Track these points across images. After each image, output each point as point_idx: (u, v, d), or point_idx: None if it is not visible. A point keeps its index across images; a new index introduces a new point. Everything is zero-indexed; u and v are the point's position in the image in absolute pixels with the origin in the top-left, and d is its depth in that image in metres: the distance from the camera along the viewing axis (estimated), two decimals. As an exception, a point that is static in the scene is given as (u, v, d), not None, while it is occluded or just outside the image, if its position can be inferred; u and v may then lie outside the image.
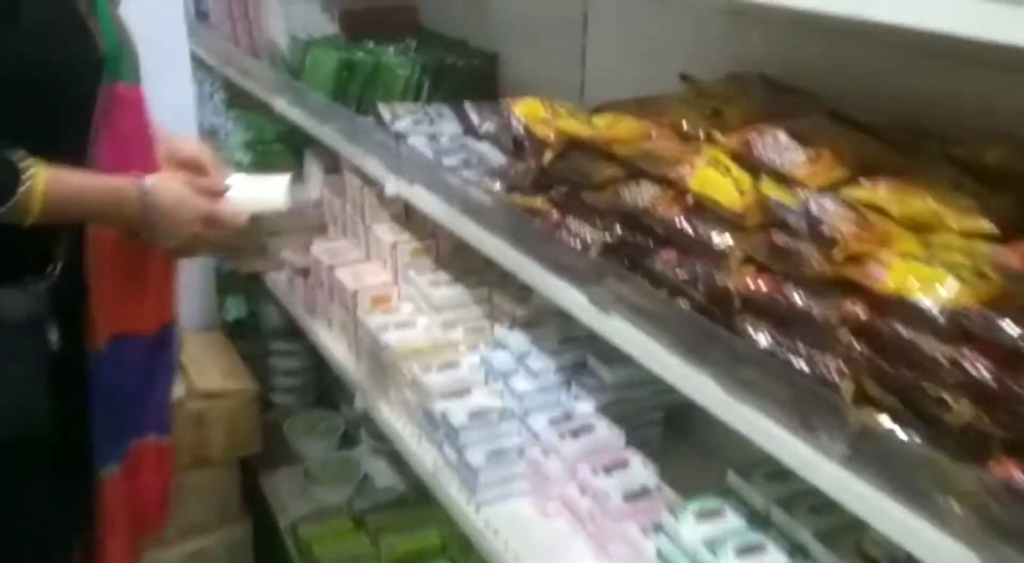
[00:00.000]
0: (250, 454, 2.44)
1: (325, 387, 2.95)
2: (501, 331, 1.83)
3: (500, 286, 1.99)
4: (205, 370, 2.41)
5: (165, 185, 1.44)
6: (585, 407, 1.71)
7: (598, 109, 1.54)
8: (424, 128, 2.02)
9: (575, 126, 1.33)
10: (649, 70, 1.84)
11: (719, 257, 1.10)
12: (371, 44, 2.41)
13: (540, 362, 1.76)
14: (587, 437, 1.63)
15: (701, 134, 1.28)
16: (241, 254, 2.68)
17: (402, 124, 2.02)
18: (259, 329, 2.94)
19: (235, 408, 2.33)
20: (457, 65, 2.28)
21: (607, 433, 1.64)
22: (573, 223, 1.37)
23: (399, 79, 2.22)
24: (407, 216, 2.20)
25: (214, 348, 2.56)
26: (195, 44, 3.20)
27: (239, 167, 3.06)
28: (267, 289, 2.71)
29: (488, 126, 2.06)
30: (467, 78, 2.29)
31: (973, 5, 0.75)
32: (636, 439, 1.66)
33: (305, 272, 2.37)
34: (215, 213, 1.51)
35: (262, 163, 2.97)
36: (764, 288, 1.04)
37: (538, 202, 1.43)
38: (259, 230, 2.45)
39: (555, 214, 1.41)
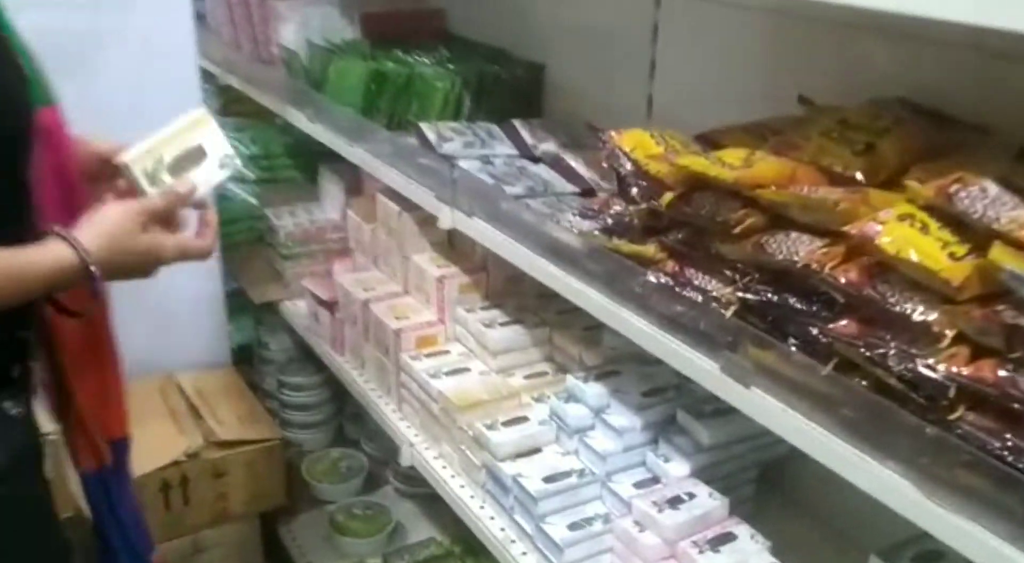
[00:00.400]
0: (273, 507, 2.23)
1: (344, 423, 2.73)
2: (573, 381, 1.63)
3: (561, 325, 1.79)
4: (221, 415, 2.18)
5: (97, 231, 1.18)
6: (677, 469, 1.52)
7: (705, 138, 1.35)
8: (475, 150, 1.82)
9: (702, 164, 1.13)
10: (730, 85, 1.65)
11: (923, 334, 0.90)
12: (399, 52, 2.20)
13: (622, 417, 1.56)
14: (687, 507, 1.43)
15: (859, 176, 1.09)
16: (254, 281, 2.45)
17: (450, 145, 1.81)
18: (269, 359, 2.71)
19: (257, 459, 2.11)
20: (500, 77, 2.07)
21: (709, 501, 1.45)
22: (696, 276, 1.18)
23: (437, 93, 2.01)
24: (451, 245, 1.98)
25: (228, 388, 2.33)
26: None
27: (244, 182, 2.84)
28: (282, 317, 2.49)
29: (545, 147, 1.86)
30: (510, 91, 2.08)
31: None
32: (730, 498, 1.48)
33: (331, 305, 2.15)
34: (151, 208, 1.25)
35: (270, 179, 2.74)
36: (988, 376, 0.85)
37: (649, 250, 1.23)
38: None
39: (671, 264, 1.21)
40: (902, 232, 0.92)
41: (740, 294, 1.11)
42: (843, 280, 0.97)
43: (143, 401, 2.26)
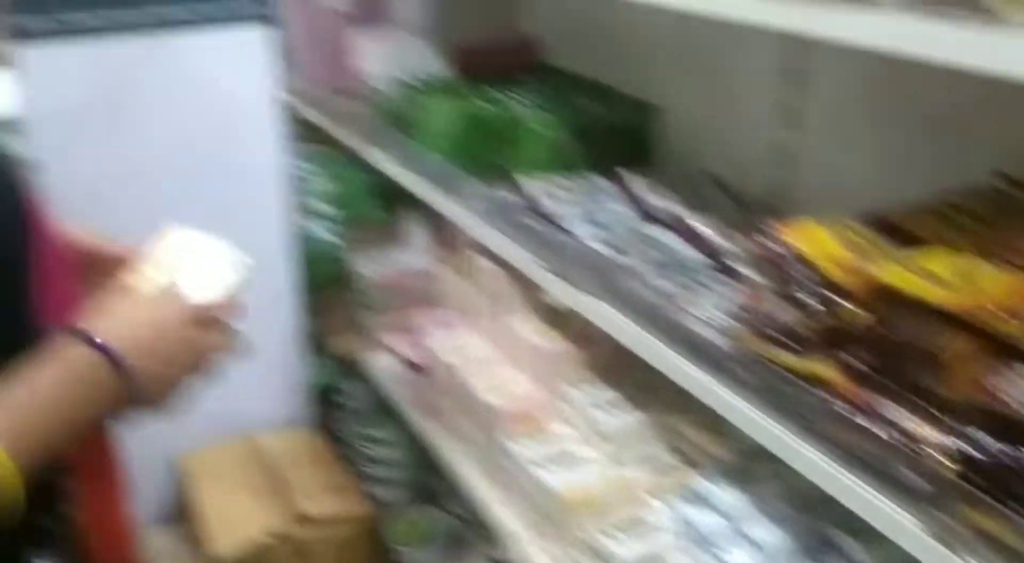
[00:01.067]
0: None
1: (427, 477, 2.55)
2: (703, 482, 1.42)
3: (686, 410, 1.58)
4: (305, 485, 2.02)
5: (117, 323, 0.92)
6: (832, 597, 1.30)
7: (887, 224, 1.13)
8: (583, 209, 1.62)
9: (909, 280, 0.91)
10: (891, 142, 1.43)
11: None
12: (494, 90, 2.00)
13: (764, 531, 1.35)
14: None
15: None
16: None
17: (555, 204, 1.62)
18: (348, 408, 2.55)
19: (349, 539, 1.93)
20: (609, 120, 1.86)
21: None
22: (888, 409, 0.96)
23: (541, 141, 1.81)
24: (555, 312, 1.79)
25: (311, 451, 2.16)
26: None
27: (322, 218, 2.68)
28: (364, 367, 2.32)
29: (663, 205, 1.65)
30: (618, 136, 1.88)
31: None
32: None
33: (420, 368, 1.98)
34: (202, 309, 1.00)
35: (351, 219, 2.58)
36: None
37: (825, 370, 1.02)
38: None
39: (853, 390, 1.00)
40: None
41: (953, 443, 0.89)
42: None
43: (220, 468, 2.13)
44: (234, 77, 2.04)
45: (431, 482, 2.56)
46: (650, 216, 1.62)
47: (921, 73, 0.93)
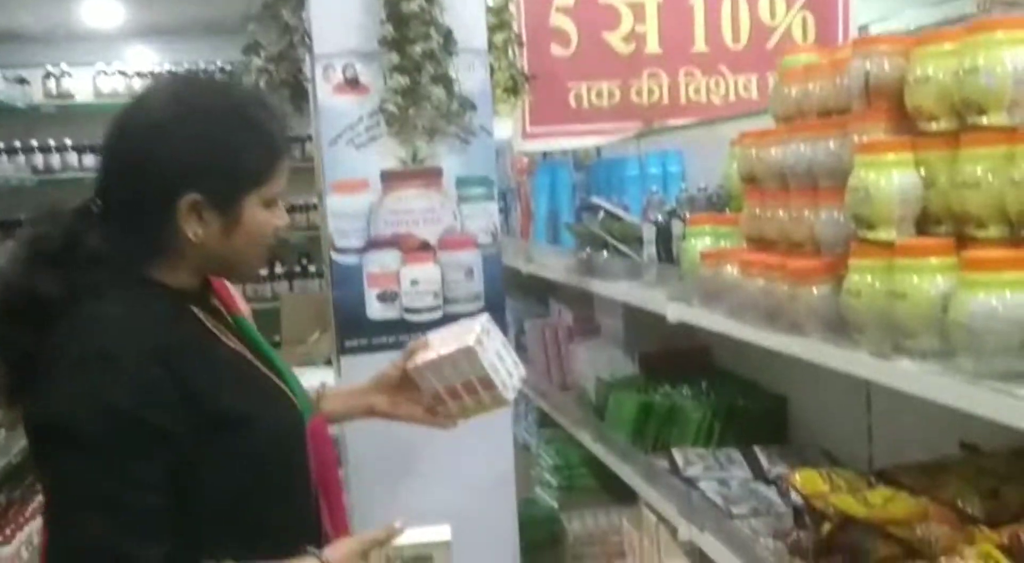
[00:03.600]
0: None
1: None
2: None
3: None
4: None
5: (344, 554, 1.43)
6: None
7: (880, 475, 1.63)
8: (714, 473, 2.18)
9: (851, 504, 1.43)
10: (937, 423, 1.90)
11: (997, 655, 1.12)
12: (667, 386, 2.65)
13: None
14: None
15: (981, 516, 1.34)
16: None
17: (694, 469, 2.19)
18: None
19: None
20: (747, 408, 2.44)
21: None
22: (852, 596, 1.44)
23: (692, 422, 2.42)
24: (702, 555, 2.29)
25: None
26: (514, 374, 3.65)
27: (548, 488, 3.34)
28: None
29: (778, 471, 2.17)
30: (757, 420, 2.44)
31: None
32: None
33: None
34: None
35: (568, 487, 3.22)
36: None
37: (820, 571, 1.51)
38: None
39: (836, 584, 1.48)
40: (978, 569, 1.17)
41: (883, 613, 1.36)
42: (946, 606, 1.22)
43: None
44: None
45: None
46: (765, 477, 2.16)
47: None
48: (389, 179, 2.57)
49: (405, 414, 1.78)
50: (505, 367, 1.80)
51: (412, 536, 1.52)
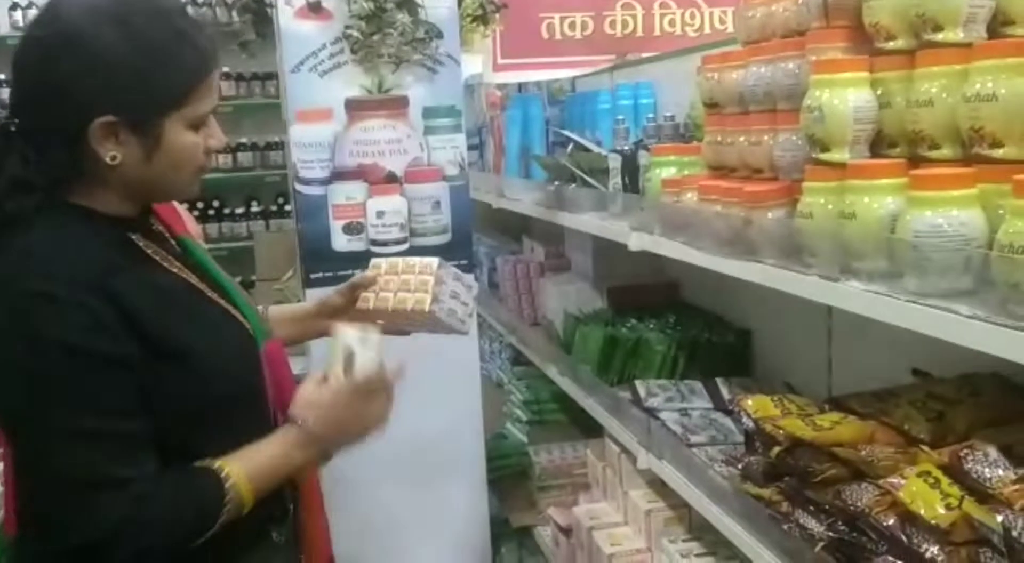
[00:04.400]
0: None
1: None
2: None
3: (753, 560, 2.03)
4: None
5: (311, 410, 1.43)
6: None
7: (833, 402, 1.64)
8: (676, 404, 2.19)
9: (799, 426, 1.44)
10: (895, 354, 1.91)
11: (931, 570, 1.14)
12: (634, 320, 2.65)
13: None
14: None
15: (927, 439, 1.35)
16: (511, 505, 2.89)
17: (655, 400, 2.20)
18: (528, 579, 3.10)
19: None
20: (712, 341, 2.45)
21: None
22: (801, 516, 1.45)
23: (656, 355, 2.42)
24: (662, 483, 2.32)
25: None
26: (486, 311, 3.65)
27: (518, 423, 3.37)
28: (536, 543, 2.89)
29: (731, 401, 2.18)
30: (721, 353, 2.44)
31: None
32: None
33: (568, 531, 2.53)
34: (364, 386, 1.47)
35: (538, 421, 3.24)
36: (975, 606, 1.06)
37: (768, 492, 1.52)
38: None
39: (785, 505, 1.49)
40: (917, 486, 1.18)
41: (826, 532, 1.37)
42: (884, 524, 1.23)
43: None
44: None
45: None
46: (725, 408, 2.17)
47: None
48: (354, 108, 2.53)
49: None
50: (460, 303, 1.80)
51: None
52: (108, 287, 1.28)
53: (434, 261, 1.77)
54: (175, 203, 1.65)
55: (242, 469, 1.36)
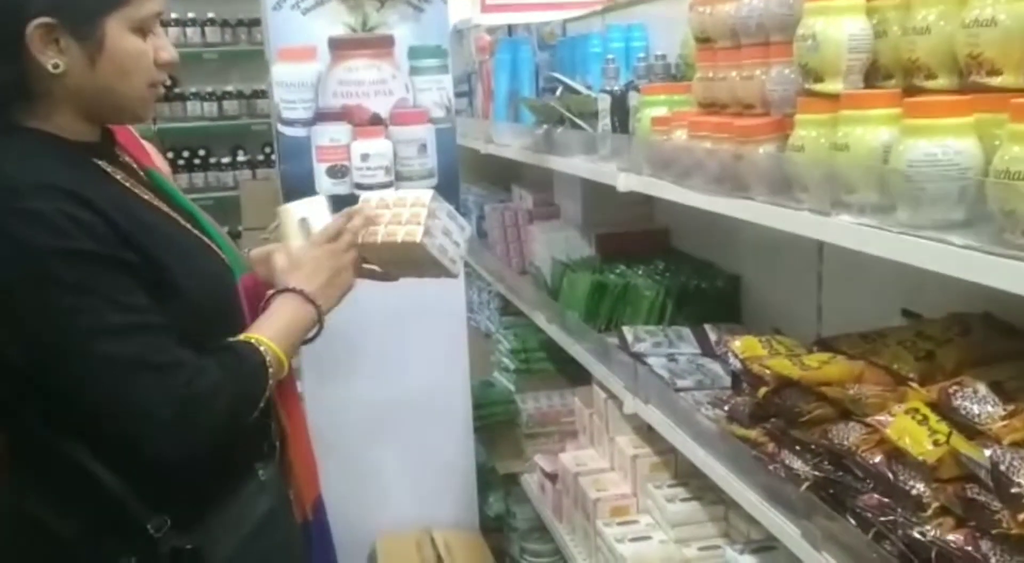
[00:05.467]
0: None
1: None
2: (732, 553, 1.85)
3: (736, 505, 2.02)
4: (458, 563, 2.59)
5: (290, 272, 1.52)
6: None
7: (823, 343, 1.61)
8: (663, 349, 2.16)
9: (786, 366, 1.41)
10: (885, 299, 1.89)
11: (916, 506, 1.12)
12: (623, 266, 2.62)
13: (771, 589, 1.76)
14: None
15: (914, 377, 1.32)
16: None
17: (642, 345, 2.17)
18: (514, 527, 3.10)
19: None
20: (701, 287, 2.42)
21: None
22: (787, 456, 1.43)
23: (645, 300, 2.40)
24: (648, 429, 2.30)
25: (472, 547, 2.74)
26: (474, 259, 3.61)
27: (506, 371, 3.35)
28: (523, 490, 2.88)
29: (718, 347, 2.16)
30: (711, 300, 2.42)
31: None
32: None
33: (554, 477, 2.53)
34: (324, 235, 1.59)
35: (525, 370, 3.22)
36: (959, 542, 1.05)
37: (754, 433, 1.50)
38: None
39: (771, 446, 1.48)
40: (904, 423, 1.16)
41: (812, 472, 1.35)
42: (871, 462, 1.21)
43: (402, 546, 2.74)
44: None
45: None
46: (713, 353, 2.15)
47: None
48: (337, 47, 2.47)
49: None
50: (452, 242, 1.76)
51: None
52: (82, 194, 1.24)
53: (427, 193, 1.72)
54: (146, 143, 1.61)
55: (266, 334, 1.42)
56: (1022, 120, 0.96)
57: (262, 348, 1.39)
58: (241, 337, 1.41)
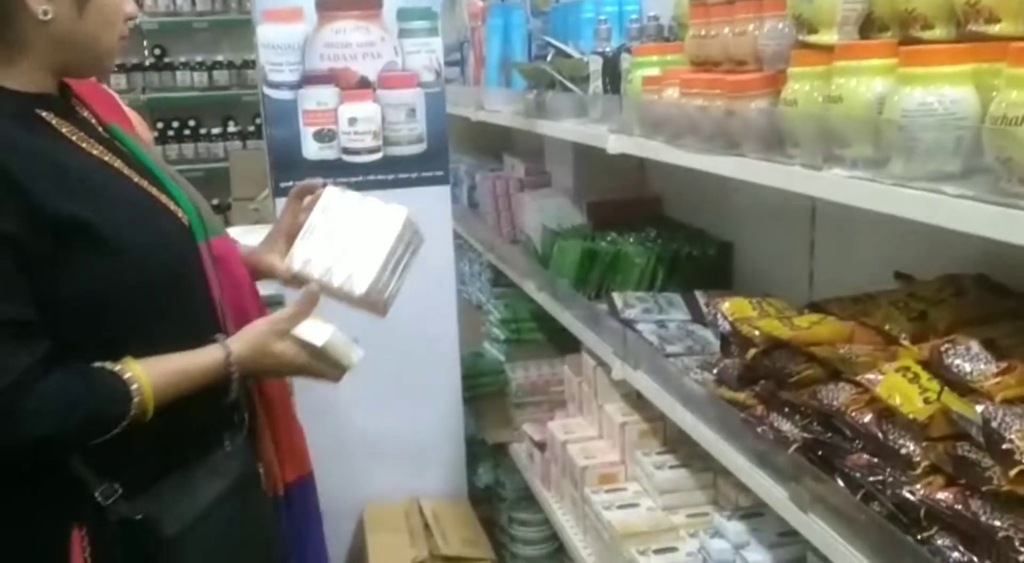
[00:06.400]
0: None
1: (566, 559, 3.00)
2: (719, 518, 1.83)
3: (725, 472, 2.00)
4: (449, 536, 2.57)
5: (255, 354, 1.44)
6: (803, 606, 1.67)
7: (814, 306, 1.58)
8: (653, 315, 2.14)
9: (776, 327, 1.39)
10: (877, 263, 1.86)
11: (906, 465, 1.10)
12: (614, 234, 2.58)
13: (758, 554, 1.74)
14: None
15: (906, 338, 1.30)
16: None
17: (632, 312, 2.15)
18: (503, 497, 3.08)
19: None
20: (692, 254, 2.39)
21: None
22: (776, 419, 1.41)
23: (635, 267, 2.37)
24: (638, 397, 2.28)
25: (460, 516, 2.73)
26: (465, 230, 3.58)
27: (496, 342, 3.33)
28: (512, 460, 2.87)
29: (708, 312, 2.13)
30: (702, 267, 2.39)
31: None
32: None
33: (542, 445, 2.50)
34: (310, 368, 1.51)
35: (516, 340, 3.20)
36: (948, 500, 1.02)
37: (743, 396, 1.48)
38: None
39: (760, 409, 1.45)
40: (895, 381, 1.13)
41: (800, 433, 1.33)
42: (860, 421, 1.19)
43: (390, 516, 2.73)
44: (422, 223, 2.71)
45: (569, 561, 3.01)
46: (703, 320, 2.12)
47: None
48: (325, 8, 2.42)
49: None
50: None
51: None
52: (2, 160, 1.20)
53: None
54: (131, 112, 1.58)
55: (150, 377, 1.30)
56: (1020, 64, 0.92)
57: (135, 398, 1.29)
58: (118, 368, 1.30)
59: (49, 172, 1.25)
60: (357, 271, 1.59)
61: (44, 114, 1.32)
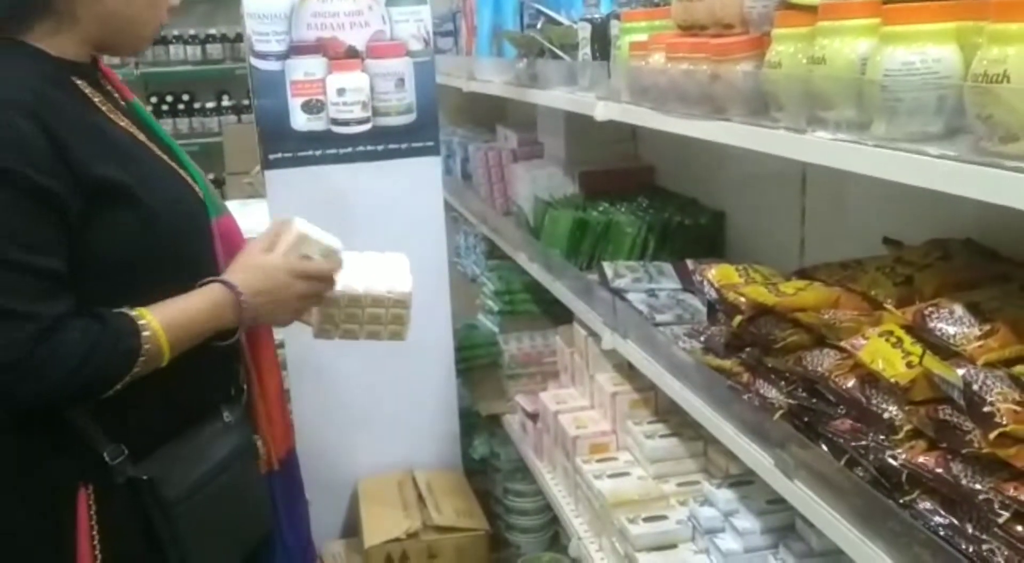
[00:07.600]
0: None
1: (560, 530, 3.01)
2: (709, 487, 1.83)
3: (715, 441, 2.00)
4: (443, 507, 2.57)
5: (248, 273, 1.45)
6: (792, 572, 1.67)
7: (801, 272, 1.57)
8: (643, 285, 2.13)
9: (762, 293, 1.37)
10: (868, 230, 1.84)
11: (888, 430, 1.09)
12: (606, 204, 2.57)
13: (747, 521, 1.74)
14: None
15: (892, 303, 1.29)
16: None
17: (622, 281, 2.13)
18: (498, 468, 3.09)
19: (465, 545, 2.46)
20: (684, 223, 2.37)
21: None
22: (761, 386, 1.40)
23: (627, 237, 2.35)
24: (629, 367, 2.27)
25: (454, 487, 2.73)
26: (460, 203, 3.56)
27: (490, 313, 3.32)
28: (506, 431, 2.87)
29: (698, 280, 2.12)
30: (694, 236, 2.37)
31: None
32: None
33: (534, 416, 2.50)
34: (305, 269, 1.51)
35: (509, 312, 3.19)
36: (930, 464, 1.02)
37: (729, 364, 1.47)
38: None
39: (746, 376, 1.44)
40: (878, 345, 1.12)
41: (786, 400, 1.32)
42: (844, 386, 1.18)
43: (384, 488, 2.73)
44: (413, 194, 2.72)
45: (563, 532, 3.02)
46: (693, 289, 2.11)
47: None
48: (311, -24, 2.39)
49: None
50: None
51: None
52: (40, 114, 1.24)
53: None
54: None
55: (160, 318, 1.33)
56: (1003, 19, 0.90)
57: (145, 334, 1.31)
58: (132, 312, 1.32)
59: (90, 135, 1.30)
60: (395, 280, 1.67)
61: (79, 82, 1.36)
